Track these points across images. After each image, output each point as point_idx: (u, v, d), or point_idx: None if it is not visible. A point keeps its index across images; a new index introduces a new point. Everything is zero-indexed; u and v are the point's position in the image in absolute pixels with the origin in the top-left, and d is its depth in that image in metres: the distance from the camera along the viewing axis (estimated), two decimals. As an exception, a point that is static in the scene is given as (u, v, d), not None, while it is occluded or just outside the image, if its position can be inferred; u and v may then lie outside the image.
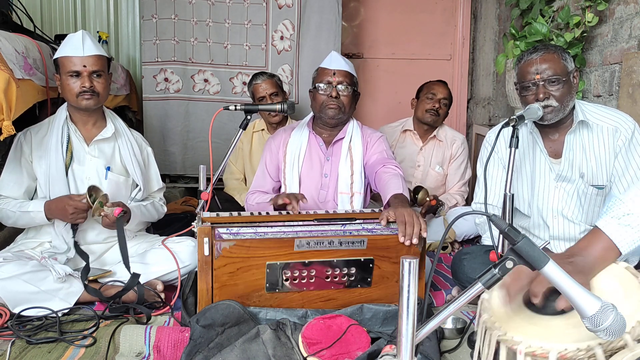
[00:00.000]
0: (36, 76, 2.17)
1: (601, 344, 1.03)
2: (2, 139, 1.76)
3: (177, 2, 3.73)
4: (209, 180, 2.13)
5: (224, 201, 3.05)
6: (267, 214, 1.92)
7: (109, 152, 2.23)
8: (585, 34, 2.59)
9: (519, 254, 1.02)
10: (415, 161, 3.23)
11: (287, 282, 1.79)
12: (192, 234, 1.92)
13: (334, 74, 2.23)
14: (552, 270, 1.00)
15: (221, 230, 1.74)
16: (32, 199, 2.17)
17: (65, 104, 2.20)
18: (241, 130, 2.18)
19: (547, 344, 1.07)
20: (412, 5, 4.45)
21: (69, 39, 2.11)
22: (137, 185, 2.28)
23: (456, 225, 2.88)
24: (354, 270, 1.82)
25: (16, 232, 2.29)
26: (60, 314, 1.88)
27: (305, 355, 1.57)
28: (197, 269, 1.79)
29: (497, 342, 1.15)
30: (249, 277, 1.77)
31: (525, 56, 1.96)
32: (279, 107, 2.21)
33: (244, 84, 3.78)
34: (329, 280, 1.81)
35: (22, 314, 1.86)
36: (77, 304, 1.97)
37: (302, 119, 2.46)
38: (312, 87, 2.31)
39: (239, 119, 2.32)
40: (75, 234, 2.11)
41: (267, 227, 1.79)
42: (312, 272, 1.79)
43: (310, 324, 1.65)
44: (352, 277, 1.83)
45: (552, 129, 2.01)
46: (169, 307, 2.00)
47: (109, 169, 2.21)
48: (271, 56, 3.84)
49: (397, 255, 1.84)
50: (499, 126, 1.89)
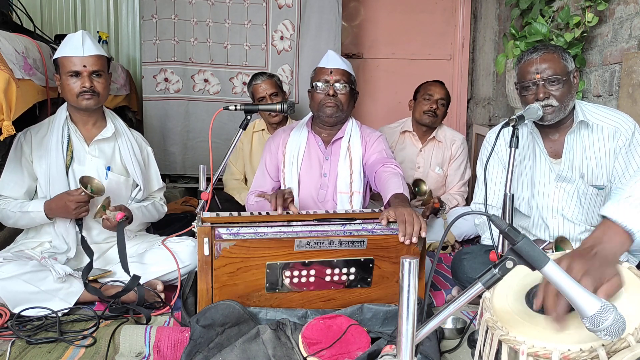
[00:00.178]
0: (36, 76, 2.16)
1: (604, 345, 1.03)
2: (2, 139, 1.76)
3: (177, 2, 3.73)
4: (209, 180, 2.13)
5: (224, 201, 3.05)
6: (267, 213, 1.92)
7: (109, 152, 2.23)
8: (585, 34, 2.58)
9: (519, 254, 1.02)
10: (415, 162, 3.23)
11: (287, 282, 1.79)
12: (192, 234, 1.92)
13: (331, 72, 2.23)
14: (552, 270, 1.00)
15: (221, 230, 1.74)
16: (32, 199, 2.17)
17: (65, 104, 2.20)
18: (241, 130, 2.18)
19: (549, 344, 1.07)
20: (412, 5, 4.44)
21: (68, 39, 2.11)
22: (138, 185, 2.29)
23: (456, 225, 2.88)
24: (353, 270, 1.82)
25: (16, 232, 2.29)
26: (60, 314, 1.87)
27: (305, 355, 1.57)
28: (197, 269, 1.79)
29: (499, 342, 1.15)
30: (249, 277, 1.76)
31: (525, 56, 1.96)
32: (279, 107, 2.21)
33: (244, 84, 3.77)
34: (329, 280, 1.81)
35: (22, 314, 1.86)
36: (77, 304, 1.97)
37: (302, 119, 2.46)
38: (310, 87, 2.31)
39: (239, 119, 2.32)
40: (81, 229, 2.11)
41: (267, 227, 1.79)
42: (312, 272, 1.79)
43: (310, 324, 1.65)
44: (352, 277, 1.83)
45: (552, 129, 2.00)
46: (169, 307, 2.00)
47: (109, 168, 2.21)
48: (271, 56, 3.84)
49: (397, 255, 1.84)
50: (499, 126, 1.88)
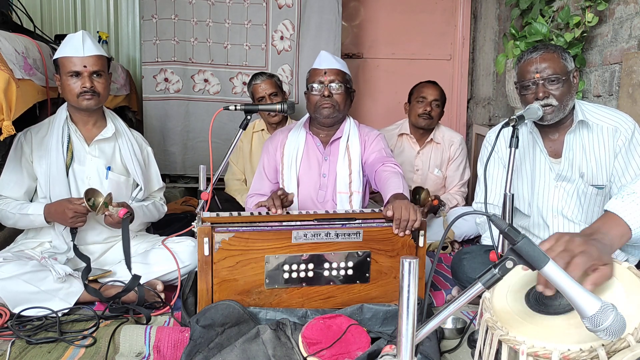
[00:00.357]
0: (36, 76, 2.16)
1: (604, 345, 1.03)
2: (2, 139, 1.76)
3: (177, 2, 3.73)
4: (209, 180, 2.13)
5: (224, 201, 3.05)
6: (267, 213, 1.92)
7: (109, 152, 2.23)
8: (585, 34, 2.58)
9: (519, 254, 1.02)
10: (413, 165, 3.22)
11: (285, 276, 1.80)
12: (192, 234, 1.92)
13: (324, 73, 2.23)
14: (552, 270, 1.00)
15: (220, 229, 1.75)
16: (32, 199, 2.17)
17: (65, 104, 2.20)
18: (241, 130, 2.18)
19: (549, 344, 1.06)
20: (412, 5, 4.44)
21: (69, 39, 2.11)
22: (138, 185, 2.29)
23: (456, 225, 2.88)
24: (351, 264, 1.84)
25: (16, 232, 2.29)
26: (60, 314, 1.88)
27: (305, 355, 1.57)
28: (197, 269, 1.79)
29: (499, 342, 1.15)
30: (249, 271, 1.78)
31: (525, 55, 1.96)
32: (278, 107, 2.21)
33: (244, 84, 3.77)
34: (327, 275, 1.83)
35: (22, 314, 1.86)
36: (77, 304, 1.97)
37: (301, 118, 2.46)
38: (305, 89, 2.31)
39: (239, 119, 2.32)
40: (74, 238, 2.10)
41: (266, 225, 1.81)
42: (310, 267, 1.82)
43: (310, 324, 1.65)
44: (350, 272, 1.84)
45: (552, 129, 2.01)
46: (169, 307, 2.00)
47: (109, 168, 2.21)
48: (271, 56, 3.84)
49: (393, 248, 1.86)
50: (499, 126, 1.89)
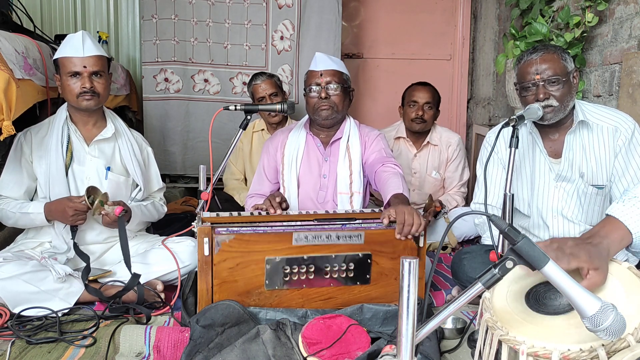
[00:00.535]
0: (36, 76, 2.16)
1: (604, 345, 1.03)
2: (2, 139, 1.76)
3: (177, 2, 3.73)
4: (209, 180, 2.13)
5: (224, 201, 3.05)
6: (267, 214, 1.92)
7: (109, 152, 2.23)
8: (585, 34, 2.58)
9: (519, 254, 1.02)
10: (411, 168, 3.20)
11: (286, 278, 1.80)
12: (192, 234, 1.92)
13: (321, 74, 2.22)
14: (552, 270, 1.00)
15: (221, 230, 1.75)
16: (32, 199, 2.17)
17: (65, 104, 2.20)
18: (241, 130, 2.18)
19: (549, 344, 1.07)
20: (412, 5, 4.44)
21: (68, 39, 2.11)
22: (138, 185, 2.29)
23: (456, 226, 2.87)
24: (352, 266, 1.83)
25: (16, 232, 2.29)
26: (60, 314, 1.88)
27: (305, 355, 1.57)
28: (197, 269, 1.79)
29: (499, 342, 1.15)
30: (249, 273, 1.77)
31: (525, 56, 1.96)
32: (278, 107, 2.21)
33: (244, 84, 3.77)
34: (327, 276, 1.82)
35: (22, 314, 1.86)
36: (77, 304, 1.97)
37: (301, 119, 2.46)
38: (304, 91, 2.31)
39: (239, 119, 2.32)
40: (74, 236, 2.11)
41: (267, 226, 1.80)
42: (311, 268, 1.81)
43: (310, 324, 1.65)
44: (350, 274, 1.83)
45: (552, 129, 2.01)
46: (169, 307, 2.00)
47: (109, 169, 2.21)
48: (271, 56, 3.84)
49: (394, 250, 1.85)
50: (499, 126, 1.88)
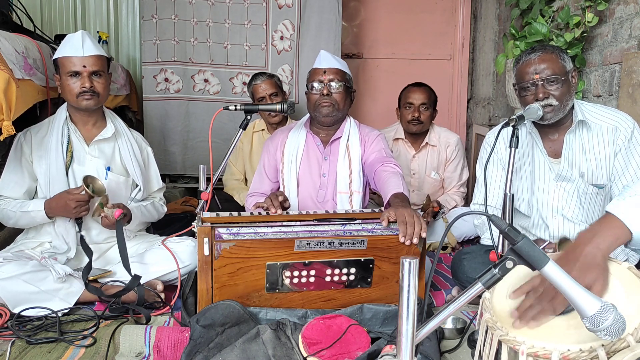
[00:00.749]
0: (36, 76, 2.16)
1: (604, 345, 1.03)
2: (2, 139, 1.76)
3: (177, 2, 3.73)
4: (209, 180, 2.13)
5: (224, 201, 3.05)
6: (267, 213, 1.92)
7: (109, 152, 2.23)
8: (585, 34, 2.58)
9: (519, 254, 1.02)
10: (410, 169, 3.21)
11: (287, 282, 1.79)
12: (192, 234, 1.92)
13: (324, 72, 2.23)
14: (552, 270, 1.00)
15: (221, 230, 1.74)
16: (32, 200, 2.17)
17: (65, 104, 2.20)
18: (241, 130, 2.18)
19: (549, 344, 1.07)
20: (412, 5, 4.44)
21: (68, 39, 2.11)
22: (137, 185, 2.29)
23: (455, 226, 2.87)
24: (354, 270, 1.82)
25: (16, 232, 2.29)
26: (60, 314, 1.88)
27: (305, 355, 1.57)
28: (197, 269, 1.79)
29: (499, 342, 1.15)
30: (249, 277, 1.76)
31: (523, 57, 1.96)
32: (278, 107, 2.21)
33: (244, 84, 3.77)
34: (329, 280, 1.81)
35: (22, 314, 1.86)
36: (77, 304, 1.97)
37: (302, 118, 2.46)
38: (306, 89, 2.31)
39: (239, 119, 2.32)
40: (80, 228, 2.11)
41: (267, 227, 1.79)
42: (312, 273, 1.79)
43: (310, 324, 1.65)
44: (352, 278, 1.83)
45: (552, 129, 2.01)
46: (169, 307, 2.00)
47: (109, 169, 2.21)
48: (271, 56, 3.84)
49: (397, 255, 1.83)
50: (499, 127, 1.88)
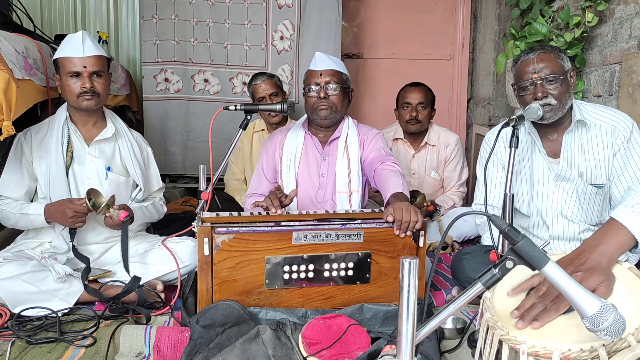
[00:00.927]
0: (36, 76, 2.16)
1: (604, 345, 1.03)
2: (2, 139, 1.76)
3: (177, 3, 3.73)
4: (209, 180, 2.13)
5: (224, 201, 3.05)
6: (267, 213, 1.92)
7: (109, 153, 2.23)
8: (585, 34, 2.58)
9: (519, 254, 1.02)
10: (409, 169, 3.21)
11: (286, 277, 1.80)
12: (192, 234, 1.92)
13: (320, 74, 2.22)
14: (552, 270, 1.00)
15: (221, 230, 1.75)
16: (32, 200, 2.17)
17: (65, 104, 2.20)
18: (241, 130, 2.18)
19: (550, 344, 1.07)
20: (412, 5, 4.44)
21: (68, 39, 2.11)
22: (138, 185, 2.29)
23: (455, 225, 2.86)
24: (351, 265, 1.83)
25: (16, 232, 2.29)
26: (60, 314, 1.88)
27: (305, 355, 1.57)
28: (197, 269, 1.79)
29: (500, 342, 1.15)
30: (249, 272, 1.78)
31: (522, 57, 1.96)
32: (278, 107, 2.21)
33: (244, 84, 3.78)
34: (327, 275, 1.83)
35: (22, 314, 1.86)
36: (77, 304, 1.97)
37: (300, 118, 2.46)
38: (303, 91, 2.31)
39: (239, 119, 2.32)
40: (73, 239, 2.10)
41: (267, 226, 1.80)
42: (311, 267, 1.81)
43: (310, 324, 1.65)
44: (350, 273, 1.83)
45: (551, 129, 2.01)
46: (169, 307, 2.00)
47: (109, 169, 2.21)
48: (271, 56, 3.84)
49: (393, 249, 1.85)
50: (498, 127, 1.89)
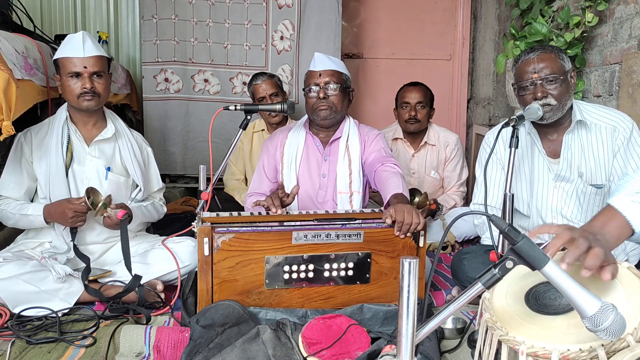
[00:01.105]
0: (37, 76, 2.16)
1: (603, 345, 1.03)
2: (2, 139, 1.76)
3: (177, 2, 3.73)
4: (209, 180, 2.13)
5: (224, 201, 3.05)
6: (267, 213, 1.92)
7: (109, 153, 2.23)
8: (585, 34, 2.58)
9: (519, 254, 1.02)
10: (409, 168, 3.21)
11: (286, 277, 1.80)
12: (192, 234, 1.92)
13: (319, 75, 2.22)
14: (552, 270, 1.00)
15: (221, 230, 1.74)
16: (32, 200, 2.17)
17: (65, 104, 2.20)
18: (241, 130, 2.18)
19: (549, 344, 1.07)
20: (412, 5, 4.44)
21: (69, 39, 2.11)
22: (137, 185, 2.28)
23: (455, 226, 2.87)
24: (351, 265, 1.83)
25: (16, 232, 2.29)
26: (60, 314, 1.88)
27: (305, 355, 1.57)
28: (197, 269, 1.79)
29: (499, 342, 1.15)
30: (249, 272, 1.77)
31: (522, 56, 1.97)
32: (278, 107, 2.21)
33: (244, 84, 3.78)
34: (327, 275, 1.82)
35: (22, 314, 1.86)
36: (77, 304, 1.97)
37: (301, 118, 2.46)
38: (303, 92, 2.31)
39: (239, 119, 2.32)
40: (74, 238, 2.11)
41: (267, 225, 1.80)
42: (311, 267, 1.81)
43: (310, 324, 1.65)
44: (350, 273, 1.83)
45: (551, 129, 2.01)
46: (169, 307, 2.00)
47: (109, 169, 2.20)
48: (271, 56, 3.84)
49: (393, 249, 1.85)
50: (498, 127, 1.89)
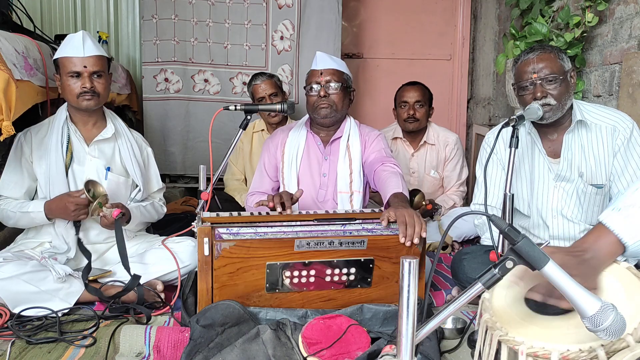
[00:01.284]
0: (36, 76, 2.16)
1: (603, 345, 1.03)
2: (2, 140, 1.76)
3: (177, 2, 3.73)
4: (209, 180, 2.13)
5: (224, 201, 3.05)
6: (267, 214, 1.92)
7: (109, 153, 2.23)
8: (585, 34, 2.58)
9: (519, 254, 1.02)
10: (409, 168, 3.22)
11: (287, 282, 1.79)
12: (192, 234, 1.92)
13: (321, 73, 2.23)
14: (552, 270, 1.00)
15: (221, 230, 1.74)
16: (32, 200, 2.17)
17: (65, 104, 2.20)
18: (241, 130, 2.18)
19: (549, 344, 1.07)
20: (412, 5, 4.45)
21: (69, 39, 2.11)
22: (137, 185, 2.28)
23: (455, 226, 2.86)
24: (354, 270, 1.82)
25: (16, 232, 2.29)
26: (60, 314, 1.88)
27: (305, 355, 1.57)
28: (197, 269, 1.79)
29: (499, 342, 1.15)
30: (249, 277, 1.76)
31: (522, 56, 1.97)
32: (278, 107, 2.21)
33: (244, 84, 3.77)
34: (329, 280, 1.81)
35: (22, 314, 1.86)
36: (77, 304, 1.97)
37: (302, 117, 2.46)
38: (305, 90, 2.32)
39: (239, 119, 2.32)
40: (78, 231, 2.12)
41: (267, 227, 1.79)
42: (312, 272, 1.79)
43: (310, 324, 1.65)
44: (352, 277, 1.82)
45: (551, 129, 2.01)
46: (169, 307, 2.00)
47: (109, 169, 2.21)
48: (271, 56, 3.84)
49: (397, 255, 1.83)
50: (498, 127, 1.89)
